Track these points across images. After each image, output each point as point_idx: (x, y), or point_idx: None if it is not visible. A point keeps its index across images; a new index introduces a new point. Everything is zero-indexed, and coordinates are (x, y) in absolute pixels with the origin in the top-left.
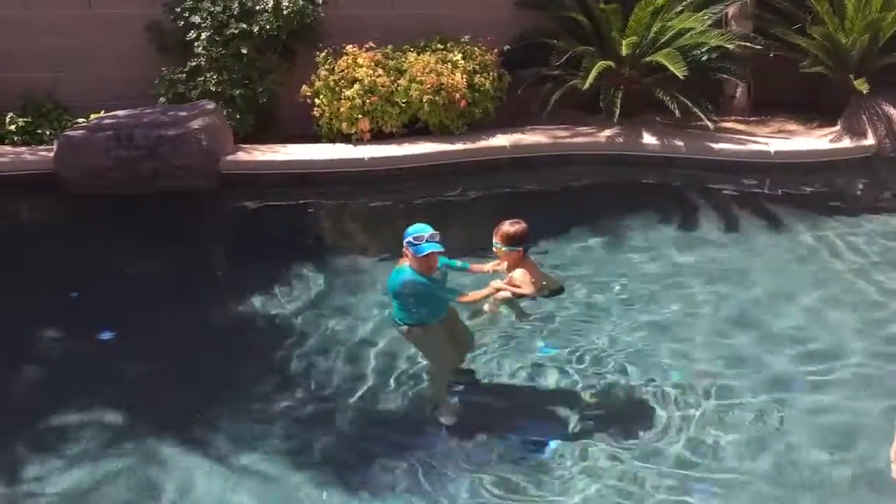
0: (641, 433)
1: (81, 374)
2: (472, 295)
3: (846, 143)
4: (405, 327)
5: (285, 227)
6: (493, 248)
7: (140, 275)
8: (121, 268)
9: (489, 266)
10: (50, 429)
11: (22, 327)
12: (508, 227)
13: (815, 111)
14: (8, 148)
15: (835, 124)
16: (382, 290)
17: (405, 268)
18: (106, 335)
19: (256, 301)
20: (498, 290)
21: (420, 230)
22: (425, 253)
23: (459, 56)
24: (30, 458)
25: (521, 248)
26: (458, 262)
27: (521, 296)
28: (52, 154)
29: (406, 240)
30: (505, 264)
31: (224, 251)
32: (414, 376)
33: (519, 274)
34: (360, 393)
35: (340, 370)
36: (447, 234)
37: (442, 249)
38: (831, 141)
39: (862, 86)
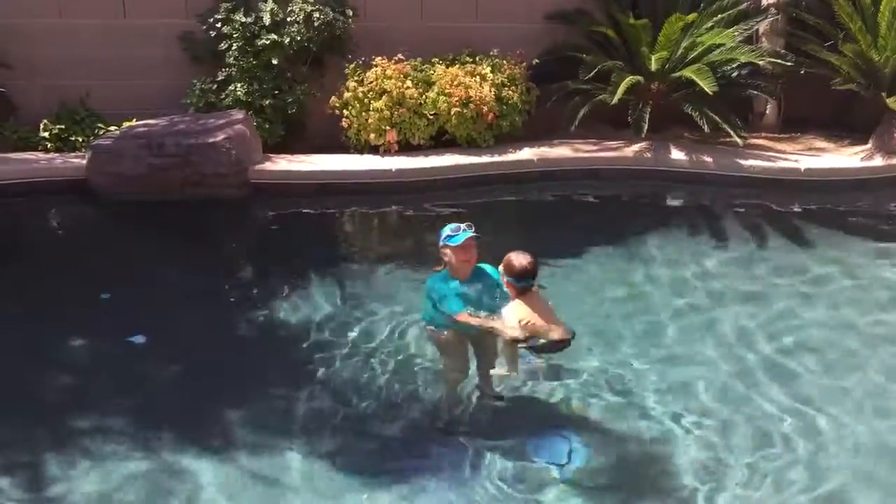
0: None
1: (108, 378)
2: (469, 318)
3: (878, 161)
4: (423, 323)
5: (312, 236)
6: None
7: (169, 281)
8: (150, 274)
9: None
10: (73, 430)
11: (52, 331)
12: (513, 258)
13: (845, 129)
14: (41, 155)
15: (866, 142)
16: (406, 298)
17: (444, 271)
18: (134, 339)
19: (282, 308)
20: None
21: (455, 224)
22: (462, 240)
23: (488, 69)
24: (52, 460)
25: (517, 284)
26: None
27: (515, 338)
28: (84, 161)
29: (442, 238)
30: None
31: (252, 259)
32: (435, 384)
33: (507, 309)
34: (380, 401)
35: (363, 378)
36: None
37: (477, 236)
38: (862, 159)
39: (895, 104)
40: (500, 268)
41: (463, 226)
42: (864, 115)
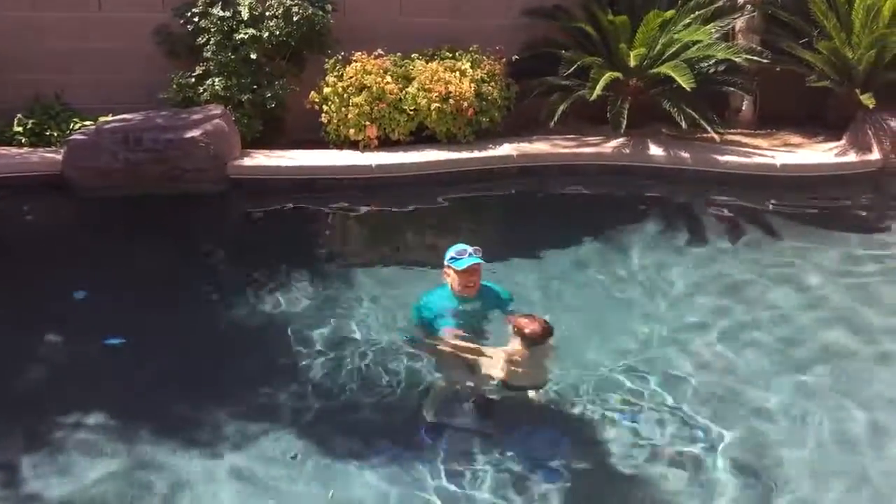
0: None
1: (84, 375)
2: (455, 340)
3: (851, 157)
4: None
5: (291, 231)
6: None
7: (146, 277)
8: (127, 270)
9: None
10: (49, 429)
11: (27, 327)
12: (525, 327)
13: (820, 125)
14: (15, 150)
15: (839, 138)
16: (386, 294)
17: (445, 286)
18: (111, 337)
19: (261, 305)
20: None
21: (462, 246)
22: (466, 265)
23: (468, 65)
24: (28, 458)
25: (526, 347)
26: (511, 309)
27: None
28: (59, 156)
29: (447, 258)
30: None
31: (230, 255)
32: (416, 382)
33: (503, 351)
34: (361, 397)
35: (343, 375)
36: (455, 243)
37: (482, 262)
38: (837, 155)
39: (869, 100)
40: (511, 327)
41: (470, 249)
42: (838, 111)
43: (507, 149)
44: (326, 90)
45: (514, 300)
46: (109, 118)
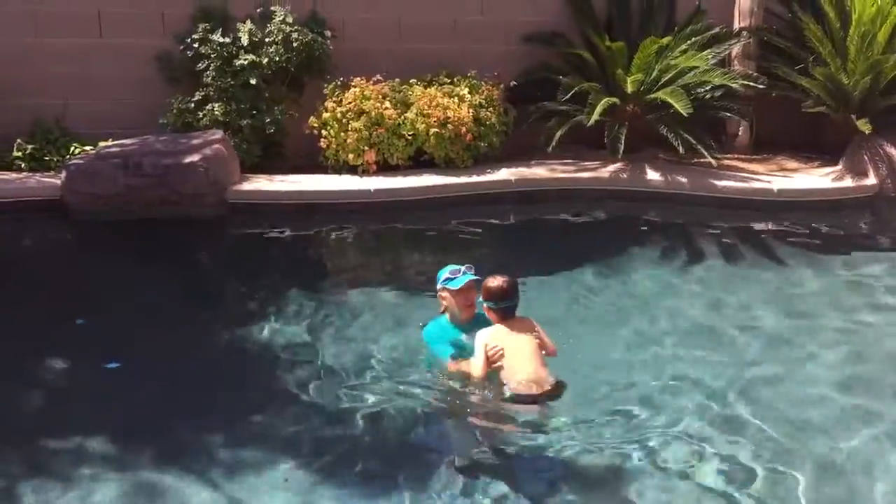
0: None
1: (84, 400)
2: (451, 366)
3: (848, 182)
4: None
5: (290, 256)
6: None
7: (145, 302)
8: (126, 295)
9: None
10: (49, 454)
11: (26, 353)
12: (488, 279)
13: (816, 151)
14: (14, 175)
15: (836, 164)
16: (385, 319)
17: (441, 318)
18: (110, 362)
19: (260, 330)
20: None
21: (454, 266)
22: (461, 284)
23: (466, 90)
24: (28, 484)
25: (495, 307)
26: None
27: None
28: (58, 181)
29: (440, 280)
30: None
31: (230, 279)
32: (413, 408)
33: (480, 332)
34: (360, 424)
35: (343, 402)
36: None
37: (479, 279)
38: (833, 180)
39: (865, 126)
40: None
41: (463, 268)
42: (834, 136)
43: (505, 174)
44: (325, 115)
45: None
46: (109, 143)
